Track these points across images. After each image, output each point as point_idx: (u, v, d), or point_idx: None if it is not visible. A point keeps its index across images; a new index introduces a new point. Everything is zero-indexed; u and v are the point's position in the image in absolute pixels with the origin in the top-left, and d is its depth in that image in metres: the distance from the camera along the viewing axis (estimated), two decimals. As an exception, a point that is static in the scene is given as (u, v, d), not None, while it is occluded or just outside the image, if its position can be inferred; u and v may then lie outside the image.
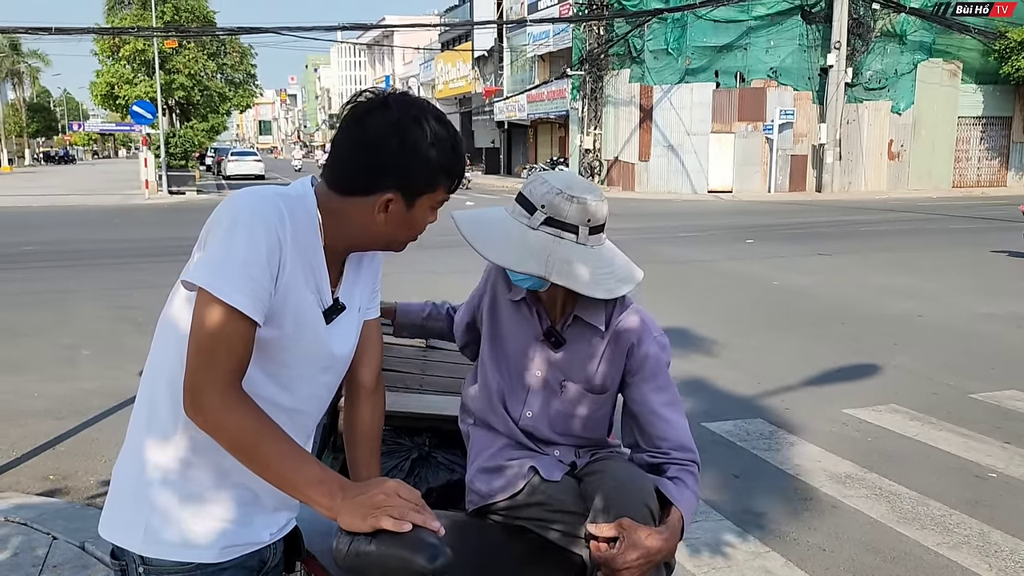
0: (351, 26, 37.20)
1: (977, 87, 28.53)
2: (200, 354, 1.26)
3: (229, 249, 1.26)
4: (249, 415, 1.28)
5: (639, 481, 1.64)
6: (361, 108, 1.37)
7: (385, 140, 1.33)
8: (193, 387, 1.27)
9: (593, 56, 28.93)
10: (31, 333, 7.28)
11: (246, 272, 1.26)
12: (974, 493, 3.94)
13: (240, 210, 1.30)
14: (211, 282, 1.25)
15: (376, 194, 1.36)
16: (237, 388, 1.29)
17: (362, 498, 1.25)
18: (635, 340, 1.79)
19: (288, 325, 1.35)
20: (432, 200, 1.40)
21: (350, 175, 1.37)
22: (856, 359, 6.35)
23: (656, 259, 11.49)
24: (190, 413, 1.29)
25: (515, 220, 1.75)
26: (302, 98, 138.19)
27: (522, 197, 1.77)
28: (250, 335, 1.29)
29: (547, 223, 1.71)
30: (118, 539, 1.40)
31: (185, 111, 37.46)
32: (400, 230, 1.42)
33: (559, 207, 1.70)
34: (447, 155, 1.37)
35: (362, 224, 1.39)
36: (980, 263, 11.59)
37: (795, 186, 27.88)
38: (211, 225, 1.30)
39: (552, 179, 1.75)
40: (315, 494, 1.27)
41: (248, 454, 1.28)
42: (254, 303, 1.27)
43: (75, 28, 26.35)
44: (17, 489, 3.95)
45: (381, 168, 1.34)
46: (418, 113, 1.36)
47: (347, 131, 1.37)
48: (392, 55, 71.08)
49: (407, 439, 2.29)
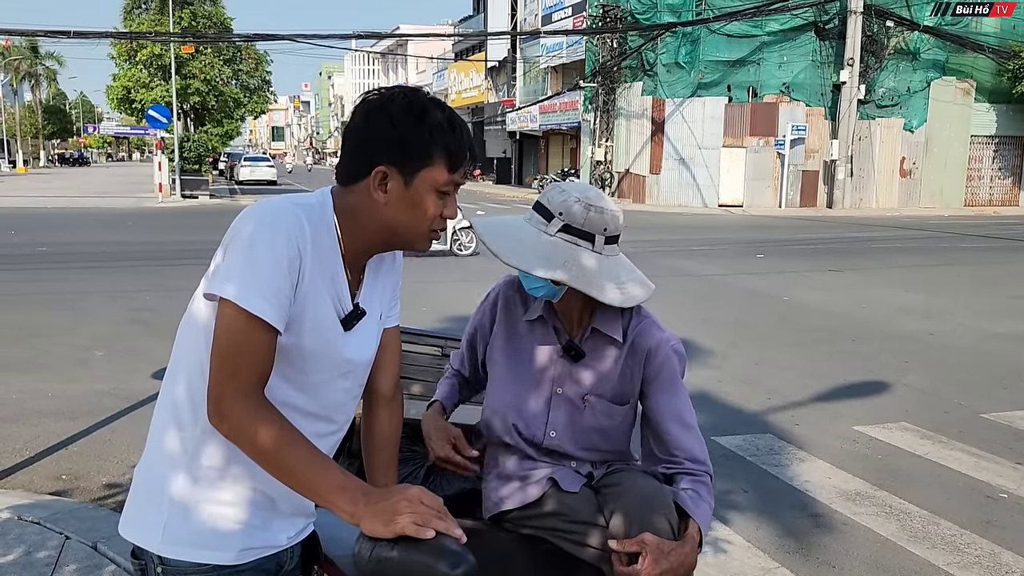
0: (366, 34, 37.57)
1: (990, 106, 28.45)
2: (223, 363, 1.29)
3: (251, 259, 1.29)
4: (272, 422, 1.30)
5: (659, 495, 1.65)
6: (359, 103, 1.43)
7: (372, 116, 1.38)
8: (217, 395, 1.29)
9: (606, 68, 29.01)
10: (45, 334, 7.33)
11: (268, 281, 1.29)
12: (985, 513, 3.92)
13: (261, 221, 1.32)
14: (234, 292, 1.27)
15: (371, 172, 1.38)
16: (260, 396, 1.31)
17: (385, 504, 1.27)
18: (652, 348, 1.81)
19: (307, 332, 1.38)
20: (432, 178, 1.38)
21: (348, 161, 1.42)
22: (866, 376, 6.34)
23: (666, 272, 11.49)
24: (214, 421, 1.31)
25: (532, 226, 1.77)
26: (315, 105, 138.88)
27: (540, 205, 1.79)
28: (272, 343, 1.31)
29: (564, 230, 1.73)
30: (138, 539, 1.42)
31: (200, 116, 37.67)
32: (405, 212, 1.39)
33: (576, 215, 1.72)
34: (441, 130, 1.37)
35: (367, 209, 1.41)
36: (992, 282, 11.54)
37: (806, 202, 27.83)
38: (232, 236, 1.32)
39: (570, 188, 1.78)
40: (338, 500, 1.28)
41: (271, 460, 1.30)
42: (276, 311, 1.30)
43: (93, 32, 26.53)
44: (30, 488, 3.98)
45: (370, 143, 1.38)
46: (409, 94, 1.40)
47: (349, 124, 1.42)
48: (406, 64, 71.42)
49: (422, 447, 2.30)
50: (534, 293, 1.81)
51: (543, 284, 1.75)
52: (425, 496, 1.29)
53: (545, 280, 1.74)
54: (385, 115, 1.37)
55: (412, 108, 1.37)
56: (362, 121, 1.39)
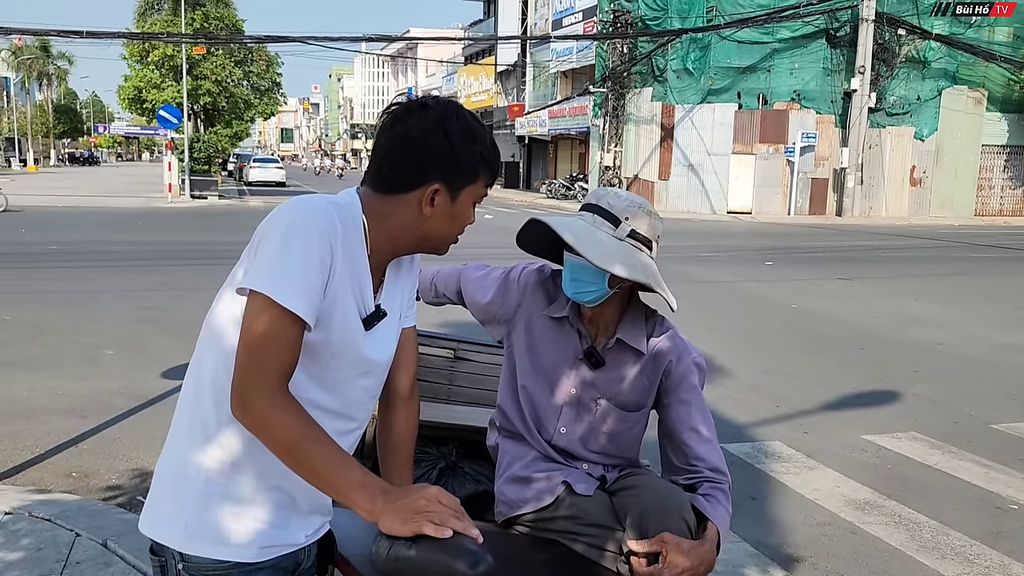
0: (376, 37, 37.58)
1: (1002, 115, 28.35)
2: (250, 356, 1.29)
3: (285, 254, 1.30)
4: (296, 417, 1.31)
5: (676, 496, 1.66)
6: (401, 110, 1.44)
7: (430, 134, 1.40)
8: (242, 388, 1.30)
9: (616, 74, 29.01)
10: (55, 332, 7.36)
11: (302, 276, 1.30)
12: (995, 524, 3.90)
13: (296, 217, 1.34)
14: (267, 286, 1.28)
15: (423, 187, 1.41)
16: (285, 390, 1.32)
17: (403, 503, 1.28)
18: (674, 359, 1.82)
19: (334, 330, 1.39)
20: (474, 193, 1.46)
21: (396, 173, 1.42)
22: (876, 385, 6.31)
23: (675, 278, 11.48)
24: (238, 414, 1.31)
25: (601, 230, 1.77)
26: (324, 107, 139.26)
27: (599, 208, 1.79)
28: (299, 338, 1.32)
29: (631, 235, 1.76)
30: (158, 535, 1.42)
31: (210, 116, 37.79)
32: (446, 224, 1.46)
33: (641, 221, 1.76)
34: (487, 148, 1.45)
35: (409, 222, 1.44)
36: (1002, 292, 11.49)
37: (815, 209, 27.77)
38: (265, 231, 1.34)
39: (625, 194, 1.82)
40: (357, 497, 1.29)
41: (293, 455, 1.31)
42: (308, 306, 1.31)
43: (106, 32, 26.70)
44: (40, 485, 4.00)
45: (428, 160, 1.40)
46: (457, 110, 1.43)
47: (389, 131, 1.43)
48: (415, 67, 71.62)
49: (434, 448, 2.31)
50: (581, 298, 1.79)
51: (596, 288, 1.76)
52: (443, 496, 1.30)
53: (601, 284, 1.75)
54: (442, 134, 1.40)
55: (467, 128, 1.42)
56: (419, 135, 1.40)
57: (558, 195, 33.58)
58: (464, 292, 2.11)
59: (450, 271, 2.17)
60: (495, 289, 2.01)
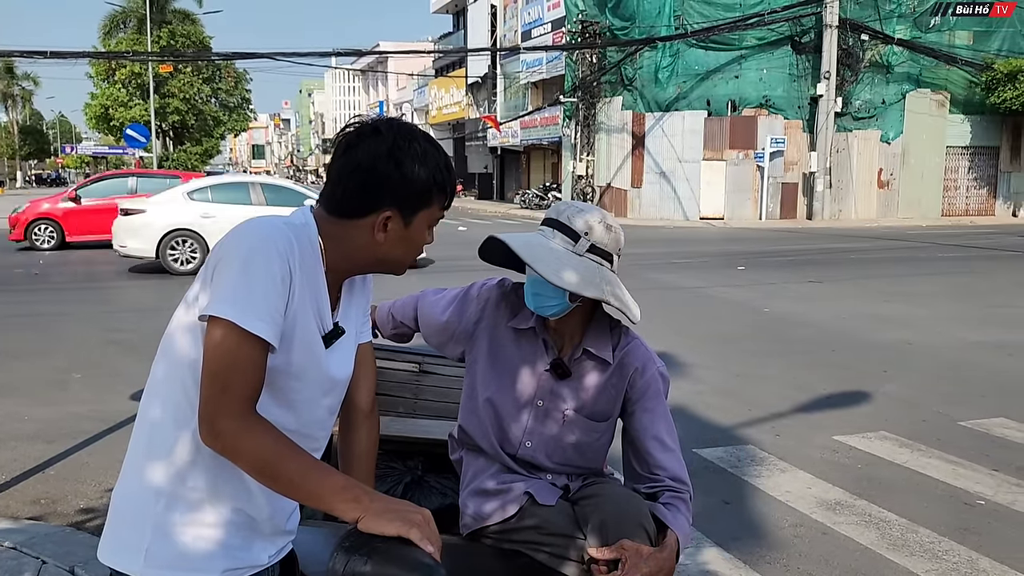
0: (346, 52, 37.52)
1: (964, 117, 28.86)
2: (215, 381, 1.29)
3: (245, 278, 1.30)
4: (267, 436, 1.31)
5: (636, 504, 1.67)
6: (353, 135, 1.43)
7: (380, 162, 1.39)
8: (209, 415, 1.29)
9: (586, 83, 29.19)
10: (22, 356, 7.25)
11: (263, 299, 1.30)
12: (963, 520, 3.96)
13: (253, 241, 1.33)
14: (229, 311, 1.28)
15: (375, 214, 1.41)
16: (252, 412, 1.32)
17: (396, 507, 1.31)
18: (640, 368, 1.83)
19: (295, 350, 1.39)
20: (429, 217, 1.46)
21: (349, 199, 1.42)
22: (846, 386, 6.38)
23: (648, 285, 11.54)
24: (208, 441, 1.31)
25: (561, 247, 1.77)
26: (296, 122, 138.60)
27: (558, 223, 1.79)
28: (264, 360, 1.32)
29: (591, 250, 1.76)
30: (118, 564, 1.41)
31: (179, 134, 37.56)
32: (400, 248, 1.46)
33: (601, 235, 1.76)
34: (439, 172, 1.44)
35: (364, 245, 1.44)
36: (970, 291, 11.68)
37: (786, 214, 28.07)
38: (222, 255, 1.33)
39: (586, 208, 1.81)
40: (341, 502, 1.30)
41: (270, 474, 1.31)
42: (271, 328, 1.31)
43: (71, 52, 26.42)
44: (6, 513, 3.92)
45: (378, 188, 1.40)
46: (409, 135, 1.43)
47: (342, 158, 1.43)
48: (386, 81, 71.50)
49: (399, 463, 2.31)
50: (544, 312, 1.80)
51: (557, 302, 1.76)
52: (432, 521, 1.32)
53: (562, 298, 1.75)
54: (393, 163, 1.40)
55: (419, 153, 1.42)
56: (368, 163, 1.40)
57: (532, 205, 33.67)
58: (420, 314, 2.10)
59: (407, 299, 2.17)
60: (454, 306, 2.00)
